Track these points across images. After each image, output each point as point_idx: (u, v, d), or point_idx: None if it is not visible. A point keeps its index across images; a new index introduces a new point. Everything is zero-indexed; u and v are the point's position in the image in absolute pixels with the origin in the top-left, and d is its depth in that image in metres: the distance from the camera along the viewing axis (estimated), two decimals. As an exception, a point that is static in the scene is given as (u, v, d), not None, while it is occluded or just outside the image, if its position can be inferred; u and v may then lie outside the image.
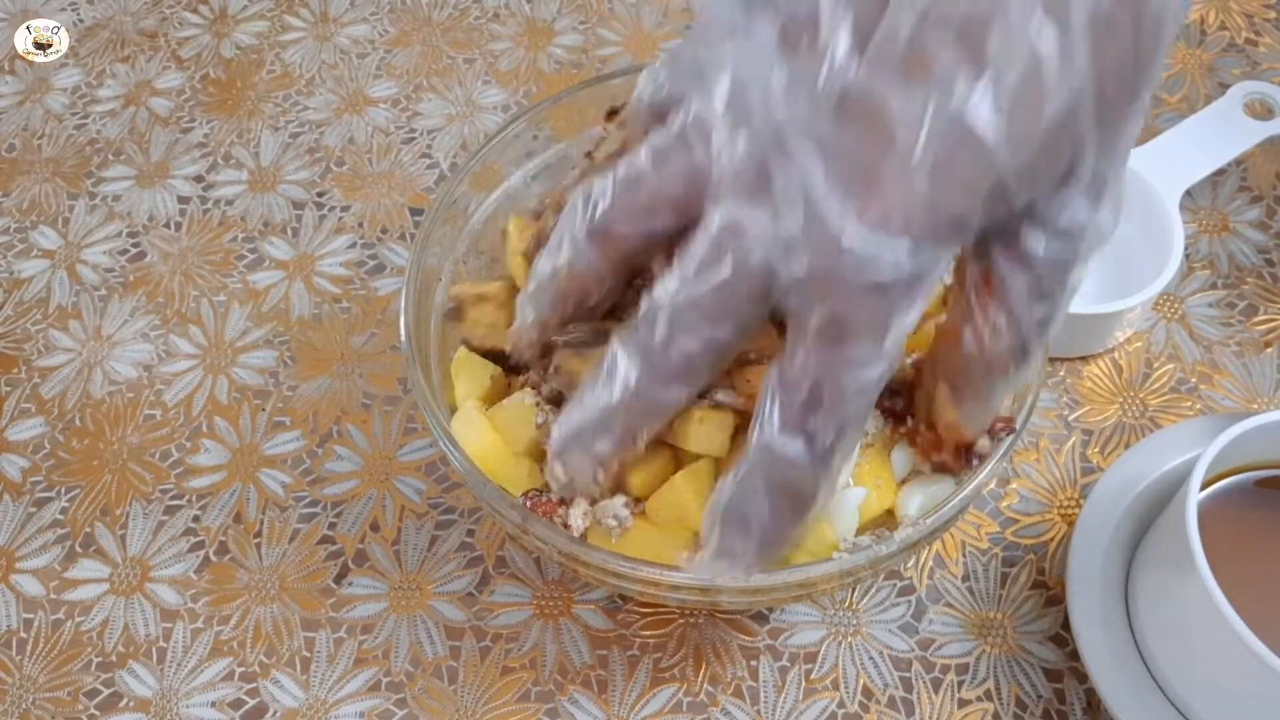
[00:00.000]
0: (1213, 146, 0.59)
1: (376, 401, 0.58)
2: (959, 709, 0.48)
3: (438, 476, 0.55)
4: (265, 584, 0.52)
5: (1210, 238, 0.62)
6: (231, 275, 0.63)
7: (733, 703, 0.48)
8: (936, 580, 0.51)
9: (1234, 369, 0.57)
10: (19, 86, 0.74)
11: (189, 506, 0.55)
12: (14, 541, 0.55)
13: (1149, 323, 0.58)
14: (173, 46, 0.75)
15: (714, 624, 0.50)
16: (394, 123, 0.70)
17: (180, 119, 0.71)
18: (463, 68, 0.72)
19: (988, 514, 0.53)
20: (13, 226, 0.67)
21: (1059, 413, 0.56)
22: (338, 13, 0.76)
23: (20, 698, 0.50)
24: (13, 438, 0.58)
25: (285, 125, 0.70)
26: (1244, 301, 0.59)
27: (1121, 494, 0.49)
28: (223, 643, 0.51)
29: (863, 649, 0.49)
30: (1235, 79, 0.67)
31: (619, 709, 0.48)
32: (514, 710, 0.48)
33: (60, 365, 0.60)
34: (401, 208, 0.66)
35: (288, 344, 0.60)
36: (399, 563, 0.53)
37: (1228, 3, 0.72)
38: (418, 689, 0.49)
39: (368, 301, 0.62)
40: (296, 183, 0.67)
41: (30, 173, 0.69)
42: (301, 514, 0.54)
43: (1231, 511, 0.45)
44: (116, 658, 0.51)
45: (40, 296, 0.63)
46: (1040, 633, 0.49)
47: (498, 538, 0.53)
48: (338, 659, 0.50)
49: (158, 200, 0.67)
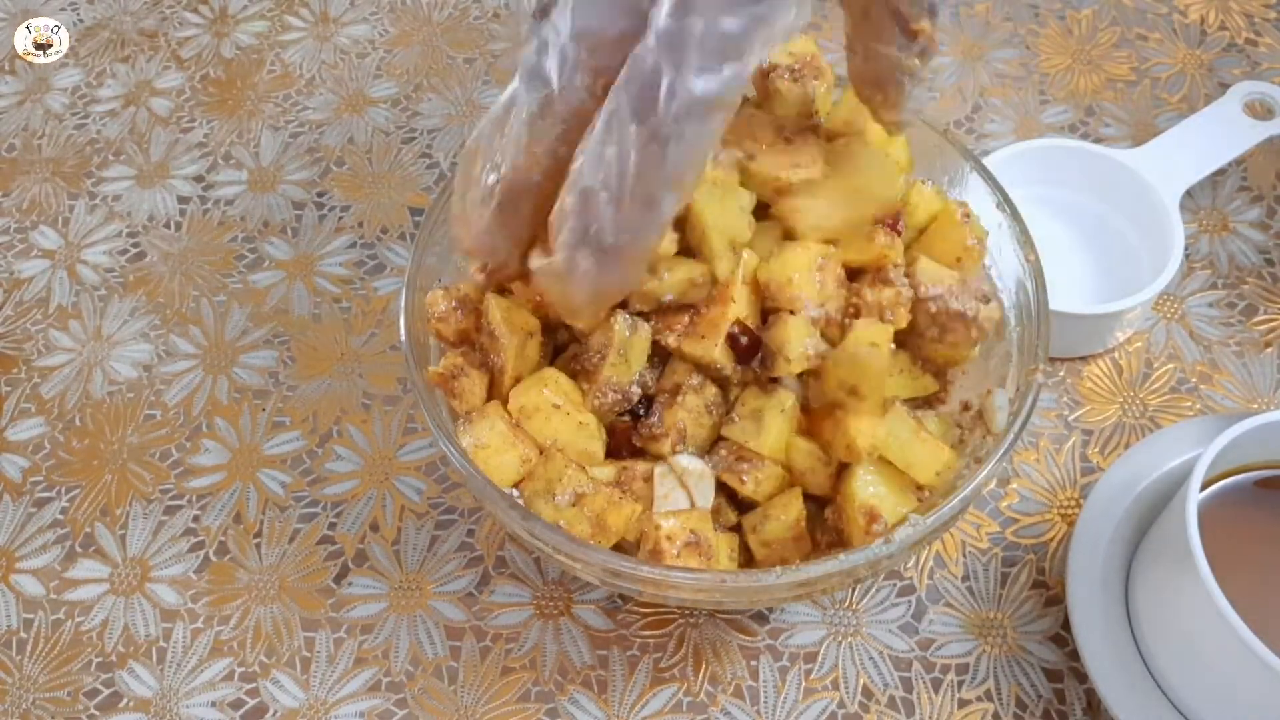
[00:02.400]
0: (1213, 146, 0.59)
1: (376, 401, 0.58)
2: (959, 709, 0.48)
3: (438, 476, 0.55)
4: (265, 584, 0.52)
5: (1210, 238, 0.62)
6: (231, 275, 0.63)
7: (733, 703, 0.48)
8: (936, 580, 0.51)
9: (1234, 369, 0.57)
10: (19, 86, 0.74)
11: (189, 506, 0.55)
12: (14, 541, 0.55)
13: (1149, 323, 0.58)
14: (173, 46, 0.75)
15: (714, 624, 0.50)
16: (394, 123, 0.70)
17: (180, 119, 0.71)
18: (463, 68, 0.72)
19: (988, 514, 0.53)
20: (13, 226, 0.67)
21: (1059, 413, 0.56)
22: (338, 13, 0.76)
23: (20, 698, 0.50)
24: (13, 438, 0.58)
25: (285, 125, 0.70)
26: (1244, 301, 0.59)
27: (1121, 494, 0.49)
28: (223, 643, 0.51)
29: (863, 649, 0.49)
30: (1235, 79, 0.67)
31: (619, 709, 0.48)
32: (514, 710, 0.48)
33: (60, 365, 0.60)
34: (401, 208, 0.66)
35: (288, 344, 0.60)
36: (399, 563, 0.53)
37: (1228, 3, 0.72)
38: (418, 689, 0.49)
39: (368, 301, 0.62)
40: (296, 183, 0.67)
41: (30, 173, 0.69)
42: (301, 514, 0.54)
43: (1231, 511, 0.45)
44: (116, 658, 0.51)
45: (40, 296, 0.63)
46: (1040, 633, 0.49)
47: (498, 538, 0.53)
48: (338, 659, 0.50)
49: (158, 200, 0.67)
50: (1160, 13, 0.72)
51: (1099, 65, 0.69)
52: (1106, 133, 0.66)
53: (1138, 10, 0.72)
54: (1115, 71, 0.69)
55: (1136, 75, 0.69)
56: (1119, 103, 0.67)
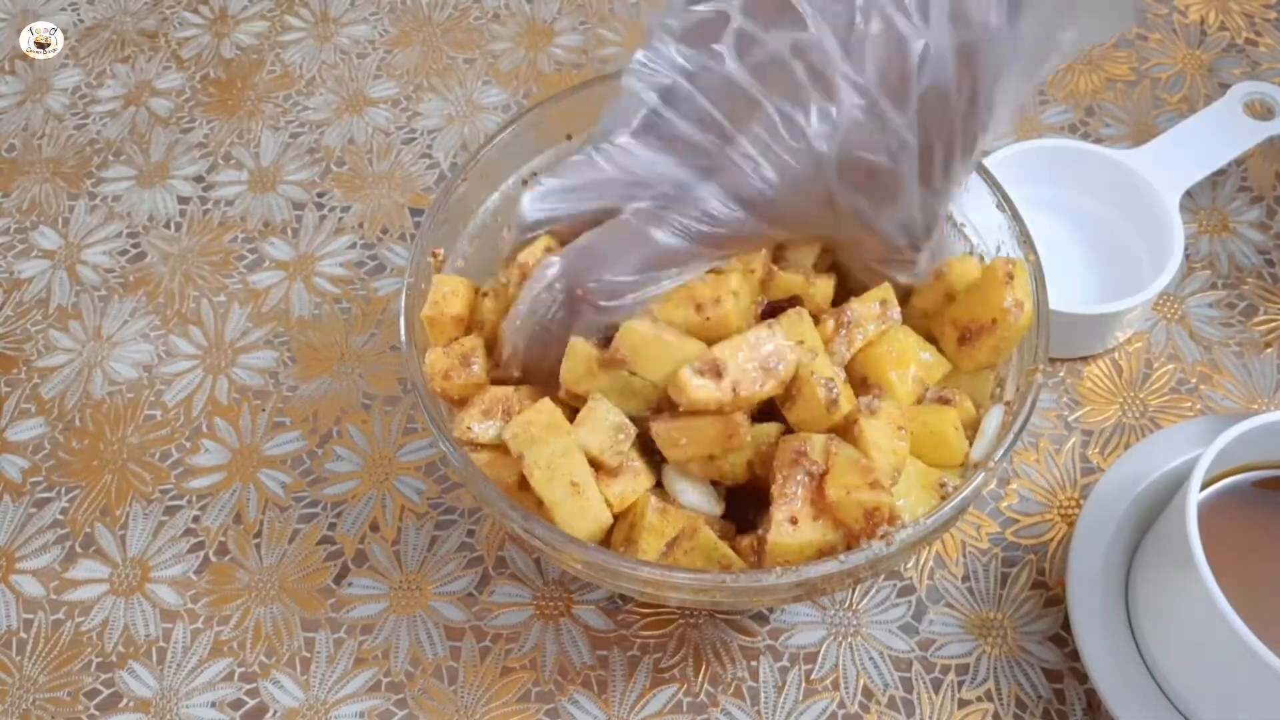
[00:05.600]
0: (1213, 146, 0.59)
1: (376, 401, 0.58)
2: (959, 709, 0.48)
3: (438, 476, 0.55)
4: (265, 584, 0.52)
5: (1210, 238, 0.62)
6: (231, 275, 0.63)
7: (733, 703, 0.48)
8: (936, 580, 0.51)
9: (1234, 369, 0.57)
10: (19, 86, 0.74)
11: (189, 507, 0.55)
12: (14, 541, 0.55)
13: (1149, 323, 0.58)
14: (173, 46, 0.75)
15: (714, 624, 0.50)
16: (394, 123, 0.70)
17: (180, 119, 0.71)
18: (463, 68, 0.72)
19: (988, 514, 0.53)
20: (13, 226, 0.67)
21: (1059, 413, 0.56)
22: (338, 13, 0.76)
23: (20, 698, 0.50)
24: (13, 438, 0.58)
25: (285, 125, 0.70)
26: (1244, 302, 0.59)
27: (1121, 494, 0.49)
28: (223, 643, 0.51)
29: (863, 649, 0.49)
30: (1235, 79, 0.67)
31: (619, 709, 0.48)
32: (514, 710, 0.48)
33: (60, 365, 0.60)
34: (401, 208, 0.66)
35: (288, 344, 0.60)
36: (399, 563, 0.53)
37: (1228, 3, 0.72)
38: (418, 689, 0.49)
39: (368, 301, 0.62)
40: (296, 183, 0.67)
41: (30, 173, 0.69)
42: (301, 514, 0.54)
43: (1231, 511, 0.45)
44: (116, 658, 0.51)
45: (40, 297, 0.63)
46: (1040, 633, 0.49)
47: (498, 538, 0.53)
48: (338, 659, 0.50)
49: (158, 200, 0.67)
50: (1160, 13, 0.72)
51: (1099, 65, 0.69)
52: (1106, 133, 0.66)
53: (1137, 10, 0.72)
54: (1115, 71, 0.69)
55: (1136, 75, 0.69)
56: (1119, 103, 0.67)
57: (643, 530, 0.42)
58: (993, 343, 0.44)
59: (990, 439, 0.44)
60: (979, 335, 0.44)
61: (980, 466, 0.42)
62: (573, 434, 0.42)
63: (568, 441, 0.41)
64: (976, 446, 0.44)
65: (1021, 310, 0.44)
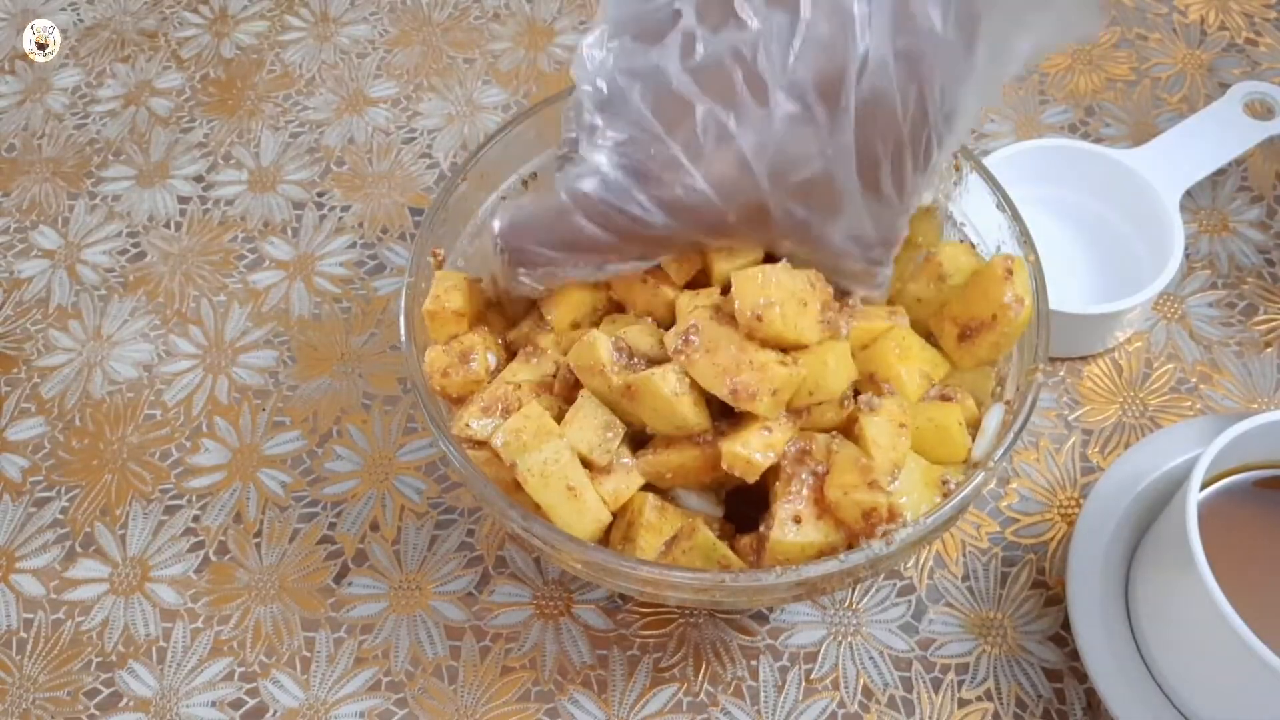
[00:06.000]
0: (1213, 146, 0.59)
1: (376, 401, 0.58)
2: (959, 709, 0.48)
3: (438, 476, 0.55)
4: (265, 584, 0.52)
5: (1210, 238, 0.62)
6: (231, 275, 0.63)
7: (733, 703, 0.48)
8: (936, 580, 0.51)
9: (1234, 369, 0.57)
10: (19, 86, 0.74)
11: (189, 506, 0.55)
12: (14, 541, 0.55)
13: (1149, 323, 0.58)
14: (173, 46, 0.75)
15: (714, 624, 0.50)
16: (394, 123, 0.70)
17: (180, 119, 0.71)
18: (463, 68, 0.72)
19: (988, 514, 0.53)
20: (13, 226, 0.67)
21: (1059, 413, 0.56)
22: (338, 13, 0.76)
23: (20, 698, 0.50)
24: (13, 438, 0.58)
25: (285, 125, 0.70)
26: (1244, 301, 0.59)
27: (1121, 494, 0.49)
28: (223, 643, 0.51)
29: (863, 649, 0.49)
30: (1235, 79, 0.67)
31: (619, 709, 0.48)
32: (514, 710, 0.48)
33: (60, 365, 0.60)
34: (401, 208, 0.66)
35: (288, 344, 0.60)
36: (399, 563, 0.53)
37: (1228, 3, 0.72)
38: (418, 689, 0.49)
39: (368, 301, 0.62)
40: (296, 183, 0.67)
41: (30, 173, 0.69)
42: (301, 514, 0.54)
43: (1231, 511, 0.45)
44: (116, 658, 0.51)
45: (40, 296, 0.63)
46: (1040, 633, 0.49)
47: (498, 538, 0.53)
48: (338, 659, 0.50)
49: (158, 200, 0.67)
50: (1160, 13, 0.72)
51: (1099, 65, 0.69)
52: (1106, 133, 0.66)
53: (1138, 10, 0.72)
54: (1115, 71, 0.69)
55: (1136, 75, 0.69)
56: (1119, 103, 0.67)
57: (641, 528, 0.42)
58: (993, 339, 0.44)
59: (991, 438, 0.44)
60: (979, 331, 0.44)
61: (980, 465, 0.42)
62: (562, 435, 0.42)
63: (558, 445, 0.41)
64: (977, 445, 0.44)
65: (1021, 305, 0.44)
